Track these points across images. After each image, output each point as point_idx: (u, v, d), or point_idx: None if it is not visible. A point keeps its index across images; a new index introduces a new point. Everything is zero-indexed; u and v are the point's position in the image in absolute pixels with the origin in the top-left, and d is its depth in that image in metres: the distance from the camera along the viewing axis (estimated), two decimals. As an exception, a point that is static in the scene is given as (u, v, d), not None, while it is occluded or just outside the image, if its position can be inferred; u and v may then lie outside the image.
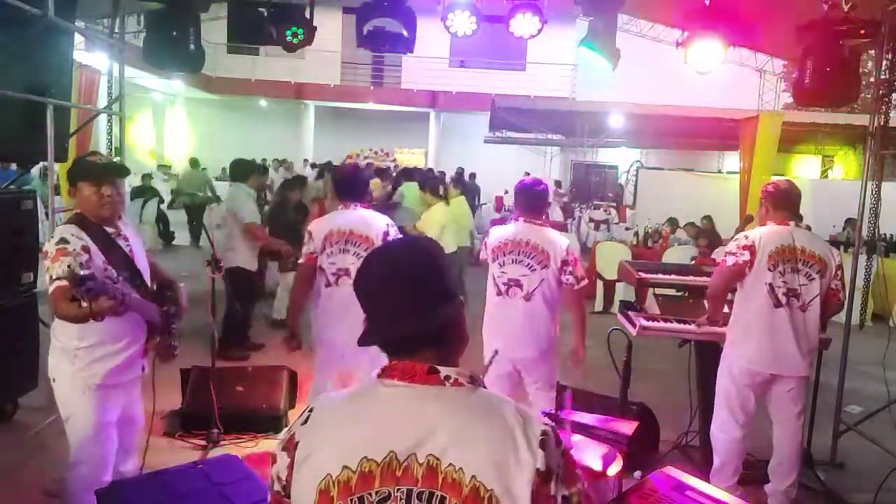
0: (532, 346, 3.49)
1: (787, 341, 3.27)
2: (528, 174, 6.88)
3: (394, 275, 1.18)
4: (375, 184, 9.77)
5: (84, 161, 2.72)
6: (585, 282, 3.56)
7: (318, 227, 3.58)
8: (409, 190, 8.70)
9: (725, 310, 3.62)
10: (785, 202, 3.37)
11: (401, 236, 3.61)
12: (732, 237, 3.65)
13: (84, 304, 2.21)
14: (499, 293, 3.53)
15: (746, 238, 3.37)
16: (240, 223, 5.61)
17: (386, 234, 3.53)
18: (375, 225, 3.56)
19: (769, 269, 3.27)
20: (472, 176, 16.28)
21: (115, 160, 3.61)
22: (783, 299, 3.27)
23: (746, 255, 3.31)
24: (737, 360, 3.39)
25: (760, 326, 3.30)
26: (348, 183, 3.75)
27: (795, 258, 3.26)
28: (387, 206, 8.10)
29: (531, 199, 3.61)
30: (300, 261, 3.65)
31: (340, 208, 3.65)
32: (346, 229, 3.51)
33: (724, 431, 3.45)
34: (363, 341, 1.19)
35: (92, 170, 2.65)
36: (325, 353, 3.62)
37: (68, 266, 2.36)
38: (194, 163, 14.26)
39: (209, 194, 12.63)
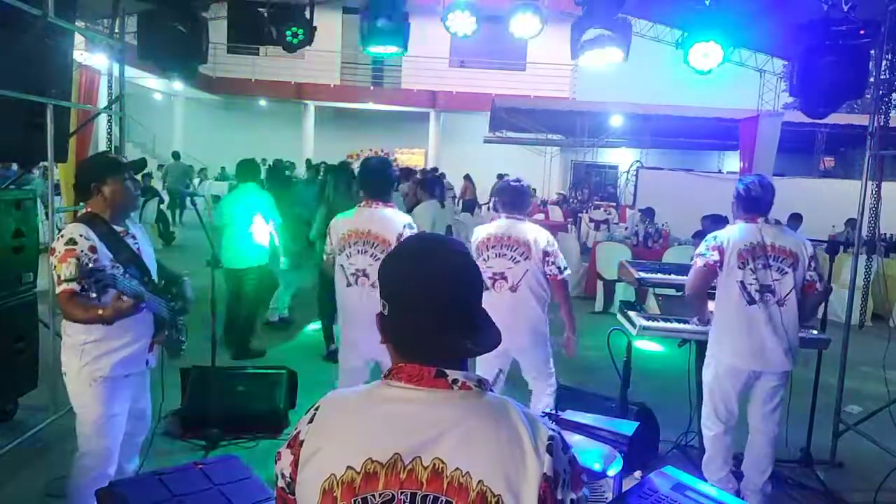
0: (523, 333, 3.58)
1: (766, 337, 3.28)
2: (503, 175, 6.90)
3: (452, 292, 1.15)
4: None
5: (108, 158, 2.78)
6: (569, 271, 3.68)
7: (336, 227, 3.55)
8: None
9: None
10: (755, 205, 3.36)
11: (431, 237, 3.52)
12: None
13: (93, 295, 2.29)
14: (485, 289, 3.52)
15: (715, 238, 3.40)
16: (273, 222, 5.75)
17: (401, 235, 3.37)
18: (394, 225, 3.44)
19: (739, 268, 3.29)
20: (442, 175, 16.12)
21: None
22: (756, 296, 3.28)
23: (716, 255, 3.35)
24: (721, 357, 3.41)
25: (738, 324, 3.32)
26: (377, 181, 3.58)
27: (766, 254, 3.28)
28: None
29: (513, 196, 3.71)
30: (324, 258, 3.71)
31: (363, 206, 3.54)
32: (364, 230, 3.44)
33: (709, 427, 3.49)
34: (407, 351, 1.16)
35: (120, 165, 2.74)
36: (348, 352, 3.57)
37: (76, 260, 2.38)
38: (175, 155, 17.13)
39: (190, 187, 14.20)
